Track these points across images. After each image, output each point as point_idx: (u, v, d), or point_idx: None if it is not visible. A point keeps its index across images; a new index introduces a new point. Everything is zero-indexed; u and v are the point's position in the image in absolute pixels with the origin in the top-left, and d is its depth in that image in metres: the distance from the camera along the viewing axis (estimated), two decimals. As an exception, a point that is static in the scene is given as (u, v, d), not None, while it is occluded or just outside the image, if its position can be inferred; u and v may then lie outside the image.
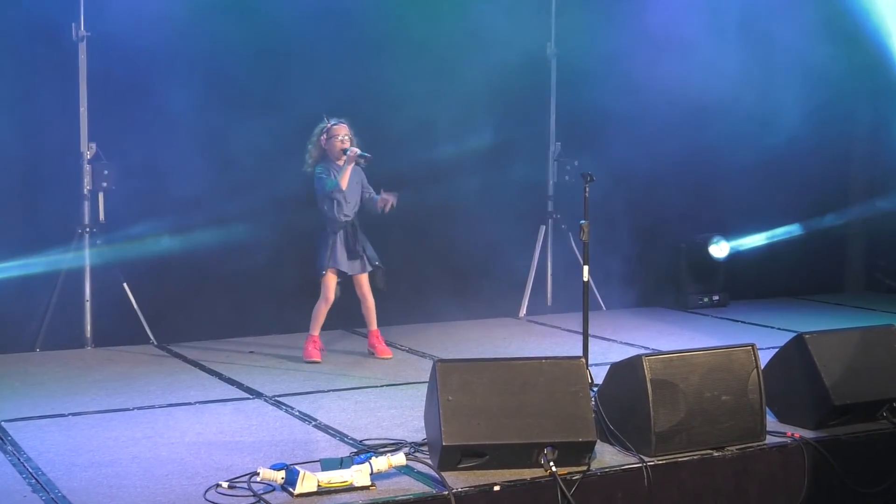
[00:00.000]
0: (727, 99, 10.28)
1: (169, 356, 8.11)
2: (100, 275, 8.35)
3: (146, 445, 5.65)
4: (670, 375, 5.49)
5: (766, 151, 10.60)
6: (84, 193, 8.28)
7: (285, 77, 8.85)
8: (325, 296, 7.72)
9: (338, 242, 7.67)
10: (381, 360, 7.88)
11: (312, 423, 6.14)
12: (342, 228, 7.68)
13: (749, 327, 9.45)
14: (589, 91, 9.94)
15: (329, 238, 7.69)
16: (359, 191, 7.74)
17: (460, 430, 5.09)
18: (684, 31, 9.93)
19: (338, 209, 7.65)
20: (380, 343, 7.98)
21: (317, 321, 7.79)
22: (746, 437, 5.66)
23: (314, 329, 7.81)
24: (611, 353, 7.85)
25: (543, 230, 10.14)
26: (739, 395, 5.64)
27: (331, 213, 7.68)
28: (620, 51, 9.89)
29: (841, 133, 11.30)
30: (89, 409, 6.42)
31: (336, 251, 7.66)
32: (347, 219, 7.68)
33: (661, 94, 9.98)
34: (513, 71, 9.52)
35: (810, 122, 10.63)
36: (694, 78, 9.96)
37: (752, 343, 5.80)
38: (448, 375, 5.19)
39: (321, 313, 7.78)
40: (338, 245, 7.67)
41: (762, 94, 10.56)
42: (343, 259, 7.67)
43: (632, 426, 5.49)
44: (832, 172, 11.33)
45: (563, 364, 5.36)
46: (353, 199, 7.70)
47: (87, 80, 8.22)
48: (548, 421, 5.17)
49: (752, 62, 10.40)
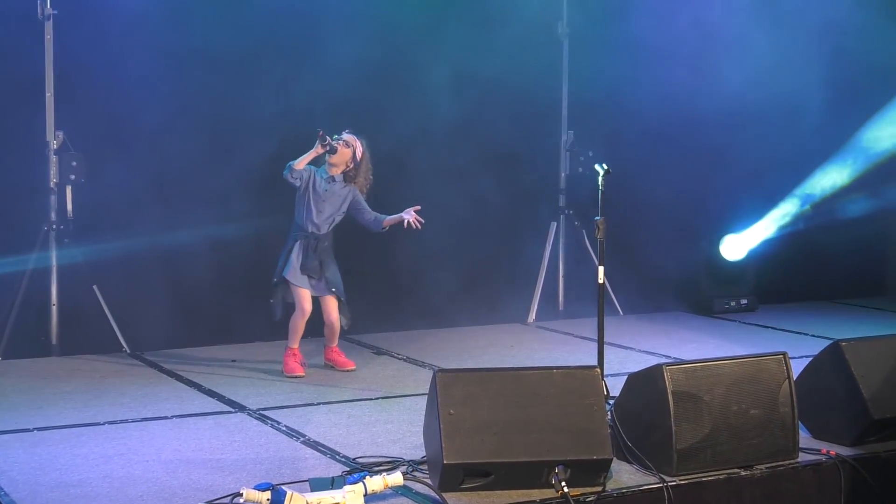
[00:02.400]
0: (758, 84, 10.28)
1: (143, 365, 8.11)
2: (68, 276, 8.35)
3: (118, 463, 5.65)
4: (694, 387, 5.49)
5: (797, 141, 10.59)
6: (50, 187, 8.29)
7: (271, 61, 8.85)
8: (301, 307, 7.67)
9: (294, 251, 7.63)
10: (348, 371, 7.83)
11: (301, 439, 6.14)
12: (304, 238, 7.64)
13: (780, 334, 9.46)
14: (605, 74, 9.93)
15: (288, 244, 7.69)
16: (339, 207, 7.66)
17: (463, 446, 5.09)
18: (709, 11, 9.94)
19: (307, 215, 7.62)
20: (339, 356, 7.97)
21: (295, 333, 7.77)
22: (777, 455, 5.66)
23: (293, 341, 7.78)
24: (628, 363, 7.86)
25: (554, 227, 10.15)
26: (769, 408, 5.64)
27: (299, 217, 7.67)
28: (639, 31, 9.88)
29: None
30: (56, 424, 6.41)
31: (291, 260, 7.62)
32: (316, 231, 7.62)
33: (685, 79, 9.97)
34: (521, 52, 9.52)
35: (840, 113, 10.63)
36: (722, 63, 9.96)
37: (784, 351, 5.80)
38: (450, 387, 5.19)
39: (299, 326, 7.75)
40: (293, 254, 7.62)
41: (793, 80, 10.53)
42: (296, 271, 7.61)
43: (651, 443, 5.49)
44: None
45: (577, 374, 5.36)
46: (328, 213, 7.63)
47: (54, 62, 8.22)
48: (559, 437, 5.18)
49: (782, 47, 10.39)
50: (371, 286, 9.10)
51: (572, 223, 10.19)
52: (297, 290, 7.67)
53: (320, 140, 7.45)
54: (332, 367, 7.93)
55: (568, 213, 10.20)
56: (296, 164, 7.51)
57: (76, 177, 8.26)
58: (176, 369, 7.93)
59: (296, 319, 7.74)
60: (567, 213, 10.20)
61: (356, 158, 7.66)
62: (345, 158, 7.64)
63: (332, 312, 7.79)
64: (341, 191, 7.67)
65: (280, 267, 7.68)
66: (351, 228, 7.92)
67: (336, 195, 7.66)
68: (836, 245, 11.05)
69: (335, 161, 7.61)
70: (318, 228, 7.65)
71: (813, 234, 10.79)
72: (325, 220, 7.66)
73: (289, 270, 7.62)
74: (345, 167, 7.66)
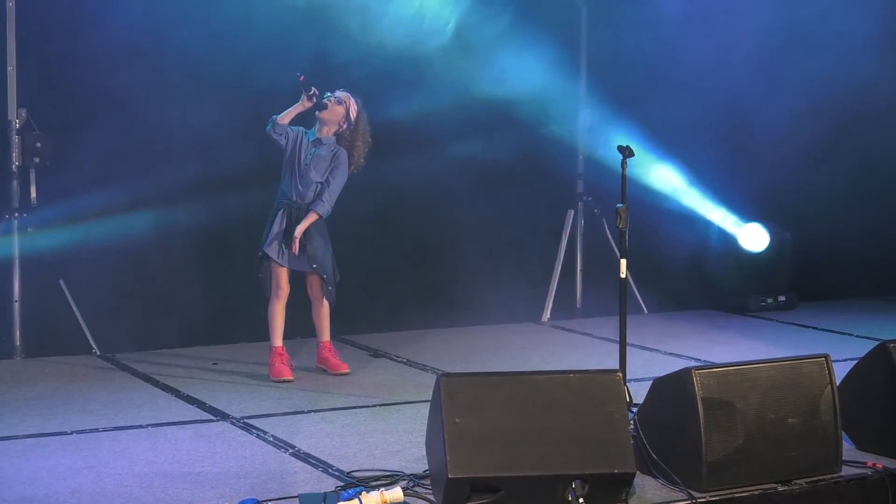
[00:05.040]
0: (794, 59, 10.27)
1: (115, 368, 8.13)
2: (31, 269, 8.37)
3: (88, 477, 5.66)
4: (726, 393, 5.49)
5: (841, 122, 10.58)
6: (12, 170, 8.30)
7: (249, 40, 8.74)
8: (274, 284, 7.64)
9: (276, 220, 7.62)
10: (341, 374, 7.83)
11: (289, 451, 6.15)
12: (285, 206, 7.63)
13: (822, 334, 9.47)
14: (628, 46, 9.92)
15: (272, 213, 7.68)
16: (324, 174, 7.60)
17: (469, 459, 5.10)
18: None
19: (290, 181, 7.60)
20: (332, 357, 7.95)
21: (275, 326, 7.74)
22: (818, 468, 5.67)
23: (275, 338, 7.76)
24: (653, 366, 7.86)
25: (571, 216, 10.16)
26: (810, 416, 5.65)
27: (284, 184, 7.66)
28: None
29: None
30: (19, 433, 6.42)
31: (272, 230, 7.61)
32: (300, 201, 7.59)
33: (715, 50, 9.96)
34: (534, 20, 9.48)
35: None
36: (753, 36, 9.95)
37: (826, 353, 5.80)
38: (455, 393, 5.20)
39: (277, 314, 7.71)
40: (275, 223, 7.61)
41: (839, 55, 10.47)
42: (274, 243, 7.60)
43: (679, 454, 5.50)
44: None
45: (596, 379, 5.37)
46: (313, 180, 7.59)
47: (17, 32, 8.22)
48: (576, 448, 5.19)
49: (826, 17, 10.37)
50: (366, 281, 9.11)
51: (591, 211, 10.19)
52: (274, 267, 7.63)
53: (304, 89, 7.38)
54: (324, 370, 7.94)
55: (587, 199, 10.20)
56: (279, 118, 7.45)
57: (41, 159, 8.27)
58: (151, 373, 7.94)
59: (272, 307, 7.70)
60: (586, 199, 10.21)
61: (350, 118, 7.62)
62: (337, 117, 7.60)
63: (315, 288, 7.76)
64: (327, 154, 7.60)
65: (263, 238, 7.66)
66: (344, 213, 7.89)
67: (321, 160, 7.59)
68: (886, 236, 11.04)
69: (326, 118, 7.56)
70: (302, 198, 7.61)
71: (860, 223, 10.78)
72: (310, 187, 7.61)
73: (268, 242, 7.60)
74: (337, 127, 7.63)
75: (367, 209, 8.85)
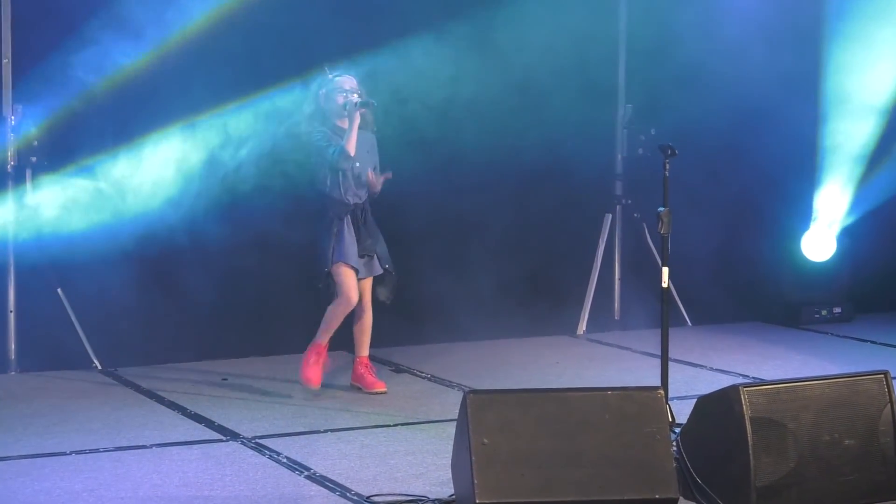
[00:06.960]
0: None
1: (117, 384, 8.16)
2: (27, 277, 8.41)
3: (88, 501, 5.68)
4: (776, 412, 5.48)
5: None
6: (7, 170, 8.34)
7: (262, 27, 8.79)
8: (346, 295, 7.61)
9: (344, 230, 7.65)
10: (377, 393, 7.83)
11: (305, 474, 6.17)
12: (349, 213, 7.67)
13: (881, 349, 9.44)
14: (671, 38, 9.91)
15: (333, 224, 7.66)
16: (372, 163, 7.69)
17: (499, 483, 5.10)
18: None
19: (343, 187, 7.64)
20: (369, 374, 7.93)
21: (328, 324, 7.68)
22: (877, 494, 5.64)
23: (324, 334, 7.72)
24: (698, 383, 7.86)
25: (609, 220, 10.15)
26: (868, 438, 5.63)
27: (334, 192, 7.66)
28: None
29: None
30: (13, 453, 6.45)
31: (344, 241, 7.62)
32: (358, 201, 7.69)
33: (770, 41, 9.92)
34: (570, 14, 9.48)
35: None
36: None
37: (885, 370, 5.78)
38: (483, 411, 5.20)
39: (337, 316, 7.68)
40: (345, 233, 7.63)
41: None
42: (352, 252, 7.62)
43: (725, 479, 5.49)
44: None
45: (636, 397, 5.37)
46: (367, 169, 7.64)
47: (13, 23, 8.27)
48: (614, 472, 5.18)
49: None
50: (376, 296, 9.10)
51: (630, 215, 10.18)
52: (349, 277, 7.62)
53: (353, 107, 7.47)
54: (359, 388, 7.91)
55: (625, 202, 10.19)
56: (349, 149, 7.48)
57: (37, 158, 8.30)
58: (156, 389, 7.97)
59: (337, 308, 7.67)
60: (624, 202, 10.19)
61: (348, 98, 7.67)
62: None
63: (365, 295, 7.79)
64: (365, 143, 7.67)
65: (328, 254, 7.61)
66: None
67: (364, 151, 7.63)
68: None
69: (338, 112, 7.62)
70: (359, 197, 7.69)
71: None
72: (365, 184, 7.67)
73: (342, 253, 7.59)
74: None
75: (390, 218, 8.85)
